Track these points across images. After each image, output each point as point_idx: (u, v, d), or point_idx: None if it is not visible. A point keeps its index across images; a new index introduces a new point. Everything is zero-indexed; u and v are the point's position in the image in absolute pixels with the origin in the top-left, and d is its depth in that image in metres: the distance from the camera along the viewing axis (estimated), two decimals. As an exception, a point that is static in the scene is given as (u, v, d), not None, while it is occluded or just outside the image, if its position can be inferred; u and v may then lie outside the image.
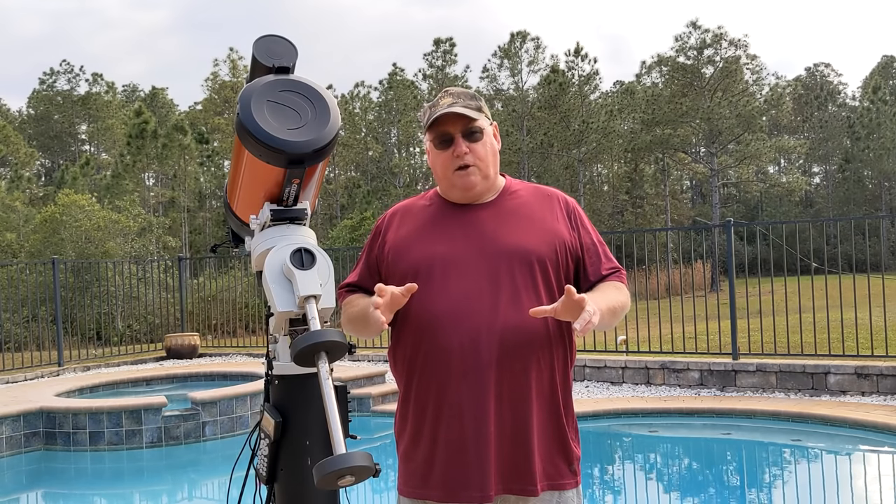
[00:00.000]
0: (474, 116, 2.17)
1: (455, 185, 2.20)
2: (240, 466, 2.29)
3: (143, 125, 33.42)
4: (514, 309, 2.09)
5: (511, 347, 2.07)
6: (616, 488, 6.31)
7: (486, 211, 2.22)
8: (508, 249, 2.15)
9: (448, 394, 2.10)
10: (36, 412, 7.55)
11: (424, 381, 2.14)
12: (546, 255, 2.16)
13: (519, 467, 2.11)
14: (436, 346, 2.10)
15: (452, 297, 2.11)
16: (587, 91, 41.33)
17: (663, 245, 35.34)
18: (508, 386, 2.08)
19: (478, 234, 2.18)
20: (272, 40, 2.12)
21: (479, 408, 2.07)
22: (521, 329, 2.08)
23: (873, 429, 6.91)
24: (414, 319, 2.14)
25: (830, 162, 54.62)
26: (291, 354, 1.80)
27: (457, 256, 2.15)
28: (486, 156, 2.20)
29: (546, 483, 2.14)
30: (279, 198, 2.13)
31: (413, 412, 2.18)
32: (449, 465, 2.11)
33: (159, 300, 17.00)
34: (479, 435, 2.08)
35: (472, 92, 2.25)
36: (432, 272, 2.14)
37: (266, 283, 2.00)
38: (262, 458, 2.12)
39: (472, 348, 2.07)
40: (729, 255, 10.11)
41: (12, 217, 26.18)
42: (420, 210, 2.29)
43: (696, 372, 9.17)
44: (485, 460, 2.08)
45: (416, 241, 2.21)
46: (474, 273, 2.12)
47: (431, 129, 2.18)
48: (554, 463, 2.16)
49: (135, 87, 60.21)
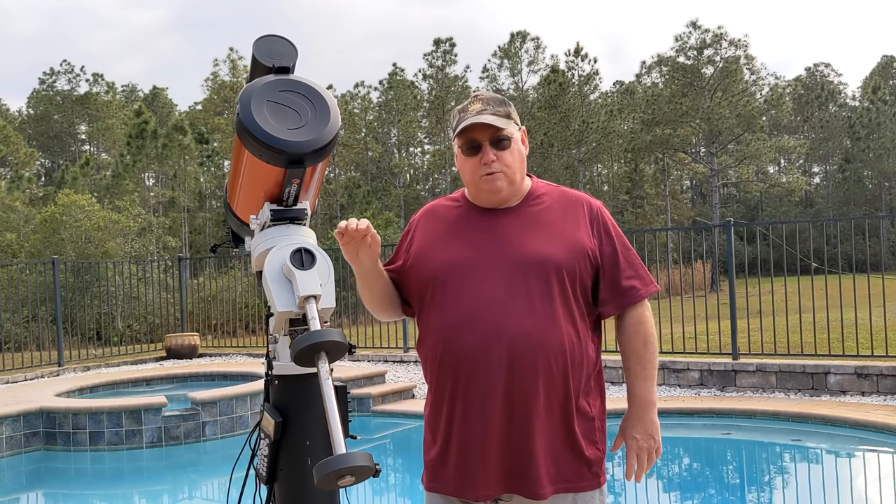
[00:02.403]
0: (502, 125, 2.20)
1: (482, 190, 2.24)
2: (240, 466, 2.29)
3: (143, 125, 33.39)
4: (528, 315, 2.13)
5: (521, 353, 2.11)
6: (616, 489, 6.31)
7: (509, 217, 2.26)
8: (527, 257, 2.19)
9: (459, 395, 2.16)
10: (36, 412, 7.54)
11: (441, 383, 2.20)
12: (564, 263, 2.19)
13: (522, 470, 2.15)
14: (451, 349, 2.16)
15: (468, 302, 2.16)
16: (587, 91, 41.35)
17: (663, 245, 35.30)
18: (517, 391, 2.12)
19: (498, 241, 2.22)
20: (272, 40, 2.12)
21: (486, 411, 2.13)
22: (534, 335, 2.12)
23: (873, 429, 6.91)
24: (434, 322, 2.21)
25: (830, 162, 54.62)
26: (291, 354, 1.80)
27: (476, 262, 2.20)
28: (513, 163, 2.24)
29: (562, 486, 2.18)
30: (279, 198, 2.13)
31: (432, 411, 2.26)
32: (458, 464, 2.18)
33: (159, 300, 17.00)
34: (484, 437, 2.14)
35: (501, 97, 2.28)
36: (452, 277, 2.20)
37: (266, 283, 1.99)
38: (262, 458, 2.12)
39: (484, 352, 2.12)
40: (729, 255, 10.10)
41: (12, 217, 26.18)
42: (447, 212, 2.35)
43: (696, 372, 9.17)
44: (488, 462, 2.14)
45: (440, 244, 2.27)
46: (492, 279, 2.17)
47: (460, 135, 2.22)
48: (570, 466, 2.19)
49: (134, 87, 60.27)
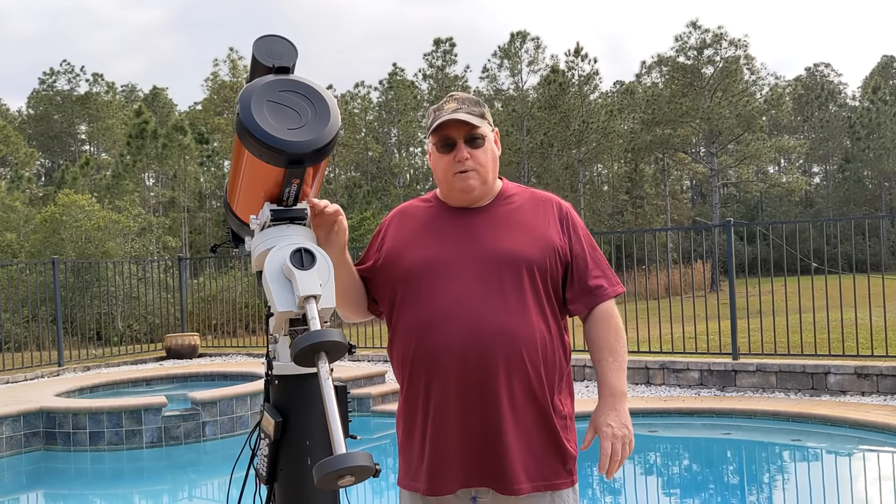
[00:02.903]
0: (477, 123, 2.23)
1: (454, 188, 2.27)
2: (240, 466, 2.29)
3: (143, 125, 33.37)
4: (503, 312, 2.16)
5: (496, 350, 2.13)
6: (616, 488, 6.31)
7: (481, 215, 2.29)
8: (499, 254, 2.21)
9: (434, 393, 2.18)
10: (36, 412, 7.55)
11: (415, 381, 2.22)
12: (535, 260, 2.22)
13: (497, 466, 2.17)
14: (424, 347, 2.18)
15: (442, 300, 2.18)
16: (587, 91, 41.34)
17: (663, 245, 35.32)
18: (492, 387, 2.14)
19: (471, 239, 2.24)
20: (272, 40, 2.12)
21: (460, 407, 2.15)
22: (508, 332, 2.15)
23: (873, 429, 6.91)
24: (407, 320, 2.23)
25: (830, 162, 54.61)
26: (291, 354, 1.80)
27: (449, 260, 2.22)
28: (486, 162, 2.26)
29: (541, 483, 2.20)
30: (279, 198, 2.13)
31: (406, 410, 2.27)
32: (432, 460, 2.20)
33: (159, 300, 17.01)
34: (460, 433, 2.16)
35: (476, 98, 2.31)
36: (425, 275, 2.22)
37: (266, 283, 1.99)
38: (262, 458, 2.12)
39: (459, 350, 2.14)
40: (729, 255, 10.11)
41: (12, 217, 26.16)
42: (419, 212, 2.37)
43: (696, 372, 9.17)
44: (463, 457, 2.17)
45: (412, 243, 2.29)
46: (465, 277, 2.19)
47: (435, 132, 2.24)
48: (548, 462, 2.21)
49: (133, 87, 60.27)
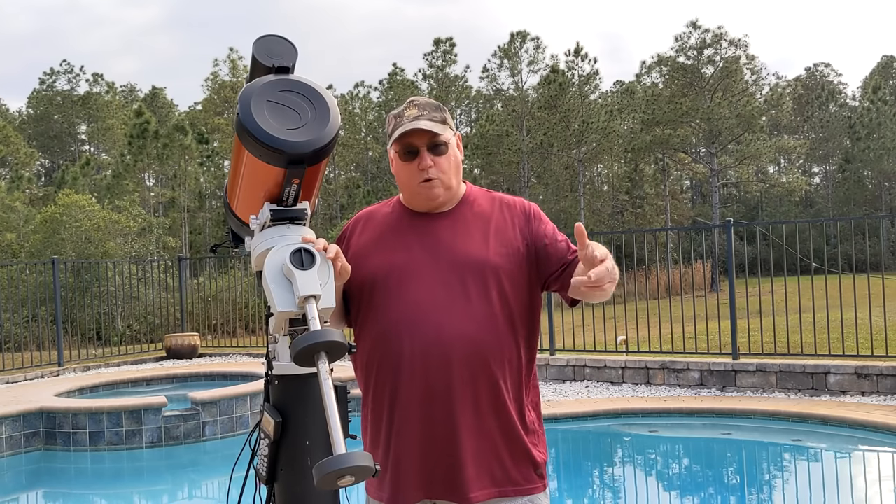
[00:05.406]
0: (439, 131, 2.20)
1: (419, 196, 2.25)
2: (240, 466, 2.29)
3: (143, 125, 33.37)
4: (468, 318, 2.14)
5: (462, 356, 2.11)
6: (616, 488, 6.31)
7: (444, 220, 2.26)
8: (463, 259, 2.19)
9: (399, 400, 2.16)
10: (36, 412, 7.55)
11: (379, 389, 2.20)
12: (499, 264, 2.20)
13: (449, 475, 2.14)
14: (388, 354, 2.16)
15: (406, 306, 2.16)
16: (587, 91, 41.35)
17: (663, 245, 35.32)
18: (458, 394, 2.12)
19: (434, 244, 2.22)
20: (272, 40, 2.12)
21: (423, 416, 2.13)
22: (470, 338, 2.13)
23: (873, 429, 6.91)
24: (370, 327, 2.21)
25: (830, 162, 54.61)
26: (291, 354, 1.79)
27: (413, 266, 2.20)
28: (449, 168, 2.24)
29: (509, 488, 2.18)
30: (279, 198, 2.13)
31: (373, 417, 2.24)
32: (394, 470, 2.18)
33: (159, 300, 17.01)
34: (421, 442, 2.14)
35: (437, 103, 2.28)
36: (389, 281, 2.20)
37: (266, 283, 1.99)
38: (262, 458, 2.12)
39: (421, 356, 2.12)
40: (729, 255, 10.11)
41: (12, 217, 26.18)
42: (382, 217, 2.34)
43: (696, 372, 9.17)
44: (421, 467, 2.14)
45: (375, 249, 2.26)
46: (429, 282, 2.17)
47: (398, 140, 2.21)
48: (518, 468, 2.20)
49: (133, 86, 60.25)
